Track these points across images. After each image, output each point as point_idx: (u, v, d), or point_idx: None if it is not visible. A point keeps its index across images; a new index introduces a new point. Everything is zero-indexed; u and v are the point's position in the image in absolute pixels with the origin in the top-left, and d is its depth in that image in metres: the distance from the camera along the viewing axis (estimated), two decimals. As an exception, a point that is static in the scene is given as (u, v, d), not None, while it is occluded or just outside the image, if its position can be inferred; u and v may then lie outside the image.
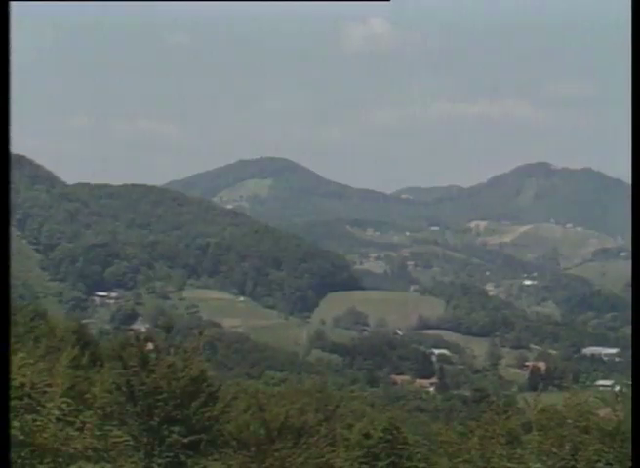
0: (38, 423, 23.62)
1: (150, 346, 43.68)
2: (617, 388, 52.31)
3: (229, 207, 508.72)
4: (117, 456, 37.08)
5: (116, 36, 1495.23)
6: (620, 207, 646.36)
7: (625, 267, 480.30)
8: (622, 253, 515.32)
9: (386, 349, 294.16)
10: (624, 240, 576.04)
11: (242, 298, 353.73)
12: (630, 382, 42.08)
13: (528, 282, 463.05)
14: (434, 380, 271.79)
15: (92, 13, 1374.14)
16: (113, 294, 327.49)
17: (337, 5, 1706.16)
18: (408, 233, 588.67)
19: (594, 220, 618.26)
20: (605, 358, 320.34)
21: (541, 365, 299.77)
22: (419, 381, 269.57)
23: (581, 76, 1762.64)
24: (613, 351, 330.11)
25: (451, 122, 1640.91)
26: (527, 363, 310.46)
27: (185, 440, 38.30)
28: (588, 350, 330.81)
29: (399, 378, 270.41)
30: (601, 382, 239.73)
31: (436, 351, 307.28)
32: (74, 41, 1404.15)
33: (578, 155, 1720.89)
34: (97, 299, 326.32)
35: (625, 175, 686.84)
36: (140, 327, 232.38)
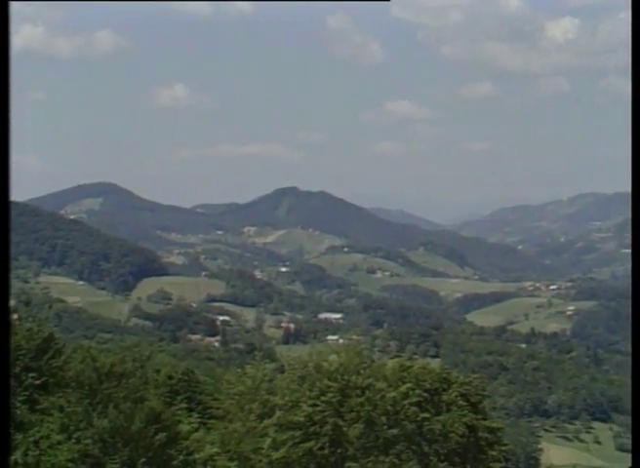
0: None
1: (15, 316, 41.98)
2: (340, 341, 53.56)
3: (72, 217, 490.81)
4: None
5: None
6: (343, 216, 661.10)
7: (346, 258, 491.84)
8: (345, 249, 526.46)
9: (184, 317, 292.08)
10: (347, 239, 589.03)
11: (81, 282, 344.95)
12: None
13: (283, 269, 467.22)
14: (218, 338, 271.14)
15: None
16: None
17: (151, 71, 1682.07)
18: (200, 235, 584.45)
19: (327, 226, 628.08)
20: (333, 321, 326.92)
21: (291, 326, 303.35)
22: (207, 339, 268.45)
23: (322, 126, 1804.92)
24: (338, 316, 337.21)
25: (231, 158, 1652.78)
26: (282, 324, 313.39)
27: (38, 382, 37.13)
28: (322, 315, 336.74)
29: (193, 337, 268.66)
30: (330, 337, 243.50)
31: (220, 317, 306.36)
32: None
33: (316, 181, 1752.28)
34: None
35: (348, 195, 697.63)
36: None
